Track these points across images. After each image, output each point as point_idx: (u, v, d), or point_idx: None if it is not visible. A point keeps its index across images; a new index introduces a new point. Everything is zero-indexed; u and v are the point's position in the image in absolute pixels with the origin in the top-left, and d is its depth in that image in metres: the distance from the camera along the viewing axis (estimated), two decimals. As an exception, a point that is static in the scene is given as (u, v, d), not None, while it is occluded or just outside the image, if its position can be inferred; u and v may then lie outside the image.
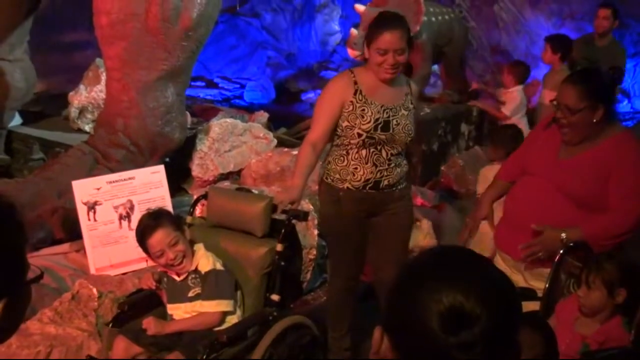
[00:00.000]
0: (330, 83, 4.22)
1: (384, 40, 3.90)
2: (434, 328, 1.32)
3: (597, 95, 3.67)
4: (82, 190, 5.02)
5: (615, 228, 3.69)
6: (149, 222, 3.75)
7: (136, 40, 5.55)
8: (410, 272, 1.45)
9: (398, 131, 4.03)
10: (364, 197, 4.12)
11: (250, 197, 4.32)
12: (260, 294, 3.95)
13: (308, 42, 11.26)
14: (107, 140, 5.79)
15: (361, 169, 4.08)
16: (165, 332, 3.67)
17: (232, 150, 6.42)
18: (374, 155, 4.06)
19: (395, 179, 4.13)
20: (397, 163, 4.12)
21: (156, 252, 3.73)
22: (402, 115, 4.06)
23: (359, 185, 4.09)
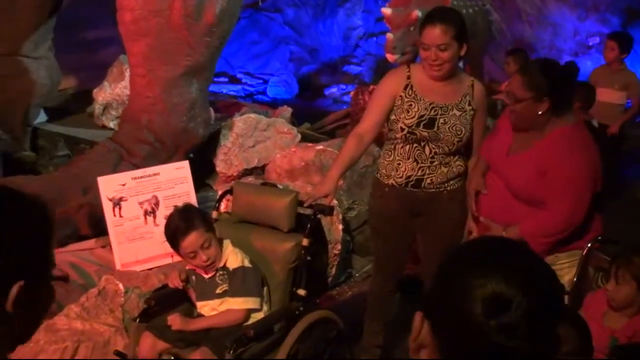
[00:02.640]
0: (385, 76, 4.21)
1: (425, 35, 3.85)
2: (476, 313, 1.34)
3: (543, 87, 3.62)
4: (107, 187, 5.05)
5: (549, 227, 3.68)
6: (180, 224, 3.71)
7: (160, 36, 5.57)
8: (454, 260, 1.47)
9: (444, 130, 3.95)
10: (407, 195, 4.07)
11: (275, 191, 4.32)
12: (286, 289, 3.94)
13: (330, 37, 11.24)
14: (131, 137, 5.82)
15: (403, 164, 4.05)
16: (190, 329, 3.68)
17: (256, 145, 6.42)
18: (416, 152, 4.02)
19: (441, 178, 4.04)
20: (445, 162, 4.03)
21: (188, 254, 3.73)
22: (452, 115, 3.96)
23: (401, 182, 4.06)
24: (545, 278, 1.41)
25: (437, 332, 1.43)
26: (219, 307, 3.76)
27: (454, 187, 4.08)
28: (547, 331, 1.37)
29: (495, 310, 1.33)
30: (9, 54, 6.76)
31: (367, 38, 11.28)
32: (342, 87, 10.63)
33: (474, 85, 4.07)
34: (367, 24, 11.21)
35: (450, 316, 1.40)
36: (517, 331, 1.33)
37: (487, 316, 1.33)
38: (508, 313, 1.33)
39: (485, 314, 1.34)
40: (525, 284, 1.35)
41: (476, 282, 1.36)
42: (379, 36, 10.62)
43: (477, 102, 4.05)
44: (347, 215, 5.73)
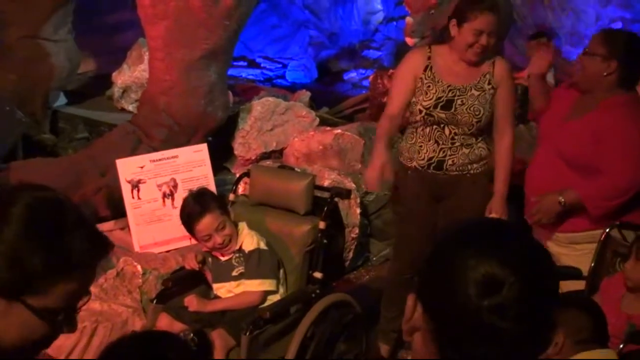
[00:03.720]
0: (406, 56, 4.21)
1: (481, 21, 3.81)
2: (468, 294, 1.33)
3: (616, 49, 3.65)
4: (126, 169, 5.08)
5: (609, 189, 3.69)
6: (195, 207, 3.76)
7: (178, 19, 5.56)
8: (447, 241, 1.46)
9: (461, 111, 3.93)
10: (429, 178, 4.06)
11: (292, 174, 4.33)
12: (302, 271, 3.97)
13: (350, 21, 11.20)
14: (150, 120, 5.84)
15: (425, 146, 4.05)
16: (206, 310, 3.72)
17: (274, 129, 6.42)
18: (436, 133, 4.01)
19: (462, 159, 4.02)
20: (466, 143, 4.01)
21: (203, 237, 3.76)
22: (470, 96, 3.94)
23: (423, 164, 4.05)
24: (540, 261, 1.40)
25: (429, 315, 1.42)
26: (235, 289, 3.79)
27: (477, 170, 4.05)
28: (540, 314, 1.36)
29: (488, 291, 1.32)
30: (29, 37, 6.79)
31: (387, 22, 11.23)
32: (361, 72, 10.60)
33: (495, 63, 4.02)
34: (387, 8, 11.16)
35: (443, 298, 1.39)
36: (509, 312, 1.32)
37: (479, 297, 1.32)
38: (500, 294, 1.32)
39: (477, 295, 1.33)
40: (519, 266, 1.34)
41: (469, 263, 1.35)
42: (398, 20, 10.56)
43: (499, 79, 3.99)
44: (364, 199, 5.73)
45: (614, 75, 3.67)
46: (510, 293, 1.32)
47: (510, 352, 1.34)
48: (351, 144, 5.92)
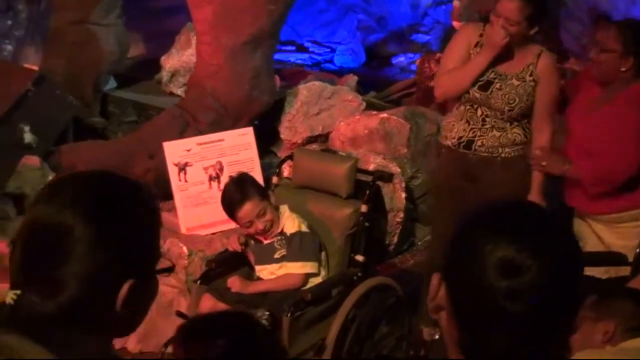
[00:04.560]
0: (461, 28, 4.28)
1: (500, 4, 3.82)
2: (486, 277, 1.34)
3: (632, 46, 3.65)
4: (173, 152, 5.13)
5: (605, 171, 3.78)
6: (235, 195, 3.81)
7: (224, 3, 5.59)
8: (469, 224, 1.46)
9: (496, 96, 3.93)
10: (459, 157, 4.08)
11: (335, 157, 4.37)
12: (344, 254, 4.00)
13: (399, 5, 11.12)
14: (197, 103, 5.88)
15: (457, 125, 4.07)
16: (249, 291, 3.78)
17: (321, 113, 6.44)
18: (469, 113, 4.02)
19: (492, 142, 4.02)
20: (498, 127, 4.01)
21: (245, 223, 3.81)
22: (510, 84, 3.94)
23: (454, 142, 4.07)
24: (563, 246, 1.39)
25: (452, 296, 1.43)
26: (277, 272, 3.84)
27: (509, 154, 4.04)
28: (559, 301, 1.35)
29: (504, 275, 1.32)
30: (80, 21, 6.87)
31: (436, 6, 11.13)
32: (409, 56, 10.53)
33: (541, 56, 4.00)
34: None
35: (461, 279, 1.40)
36: (524, 297, 1.32)
37: (496, 281, 1.32)
38: (516, 278, 1.32)
39: (493, 278, 1.33)
40: (538, 250, 1.33)
41: (487, 247, 1.35)
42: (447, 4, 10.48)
43: (541, 73, 3.97)
44: (410, 183, 5.73)
45: (632, 69, 3.67)
46: (526, 278, 1.31)
47: (524, 336, 1.35)
48: (397, 128, 5.91)
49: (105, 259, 1.40)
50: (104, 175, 1.55)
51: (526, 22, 3.81)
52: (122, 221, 1.45)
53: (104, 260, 1.39)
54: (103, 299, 1.39)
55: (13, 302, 1.34)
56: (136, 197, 1.50)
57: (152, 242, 1.51)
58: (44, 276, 1.37)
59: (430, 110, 6.51)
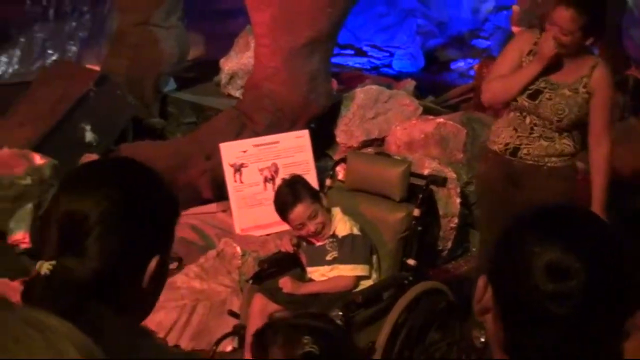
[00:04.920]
0: (517, 34, 4.24)
1: (555, 12, 3.75)
2: (532, 279, 1.33)
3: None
4: (229, 153, 5.20)
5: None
6: (287, 197, 3.84)
7: (283, 6, 5.64)
8: (516, 227, 1.46)
9: (545, 105, 3.86)
10: (505, 163, 4.03)
11: (389, 161, 4.37)
12: (396, 258, 4.00)
13: (459, 10, 11.07)
14: (254, 105, 5.93)
15: (504, 131, 4.03)
16: (300, 292, 3.78)
17: (377, 117, 6.45)
18: (517, 120, 3.98)
19: (539, 151, 3.95)
20: (546, 136, 3.94)
21: (296, 225, 3.83)
22: (561, 94, 3.86)
23: (501, 148, 4.03)
24: (612, 252, 1.37)
25: (498, 298, 1.43)
26: (329, 274, 3.84)
27: (556, 164, 3.96)
28: (607, 305, 1.34)
29: (551, 278, 1.32)
30: (142, 23, 7.02)
31: (497, 11, 11.05)
32: (469, 61, 10.47)
33: (596, 67, 3.88)
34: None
35: (508, 282, 1.40)
36: (570, 301, 1.31)
37: (542, 284, 1.32)
38: (563, 282, 1.31)
39: (540, 281, 1.33)
40: (586, 254, 1.33)
41: (535, 250, 1.35)
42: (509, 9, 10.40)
43: (595, 86, 3.86)
44: (465, 189, 5.68)
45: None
46: (573, 282, 1.31)
47: (570, 340, 1.34)
48: (453, 133, 5.88)
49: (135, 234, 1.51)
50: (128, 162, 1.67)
51: (580, 32, 3.72)
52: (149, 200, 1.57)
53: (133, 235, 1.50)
54: (132, 274, 1.48)
55: (49, 272, 1.42)
56: (158, 182, 1.62)
57: (172, 224, 1.61)
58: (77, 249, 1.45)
59: (487, 115, 6.46)
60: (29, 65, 8.21)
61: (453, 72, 10.59)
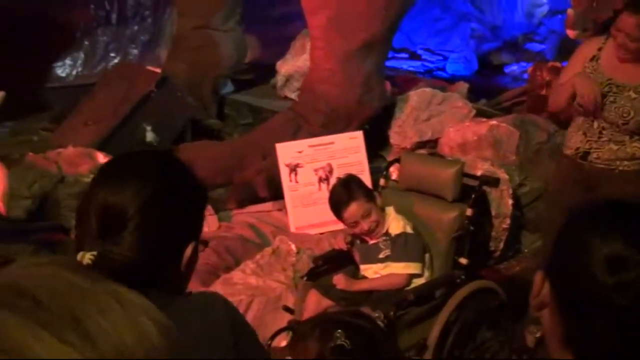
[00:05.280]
0: (583, 43, 4.20)
1: (621, 19, 3.72)
2: (593, 271, 1.34)
3: None
4: (285, 153, 5.25)
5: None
6: (342, 196, 3.85)
7: (339, 9, 5.66)
8: (575, 221, 1.47)
9: (609, 108, 3.82)
10: (577, 166, 4.00)
11: (442, 161, 4.36)
12: (448, 257, 3.97)
13: (513, 14, 10.98)
14: (309, 106, 5.98)
15: (574, 136, 4.00)
16: (353, 289, 3.79)
17: (431, 119, 6.45)
18: (585, 125, 3.93)
19: (609, 154, 3.90)
20: (616, 140, 3.88)
21: (350, 223, 3.85)
22: (626, 96, 3.81)
23: (571, 153, 4.00)
24: None
25: (556, 291, 1.43)
26: (382, 271, 3.84)
27: (628, 167, 3.90)
28: None
29: (611, 269, 1.33)
30: (201, 27, 7.11)
31: (552, 15, 10.93)
32: (522, 65, 10.37)
33: None
34: (552, 1, 10.87)
35: (568, 275, 1.41)
36: (632, 290, 1.32)
37: (603, 275, 1.33)
38: (624, 272, 1.32)
39: (601, 273, 1.33)
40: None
41: (595, 242, 1.36)
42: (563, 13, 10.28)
43: None
44: (518, 190, 5.65)
45: None
46: (633, 273, 1.32)
47: (632, 329, 1.34)
48: (506, 135, 5.85)
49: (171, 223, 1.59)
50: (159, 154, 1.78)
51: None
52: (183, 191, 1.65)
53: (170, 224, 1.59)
54: (171, 260, 1.56)
55: (91, 262, 1.47)
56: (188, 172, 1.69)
57: (203, 212, 1.71)
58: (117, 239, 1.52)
59: (542, 118, 6.42)
60: (93, 67, 8.38)
61: (506, 75, 10.51)
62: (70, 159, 5.28)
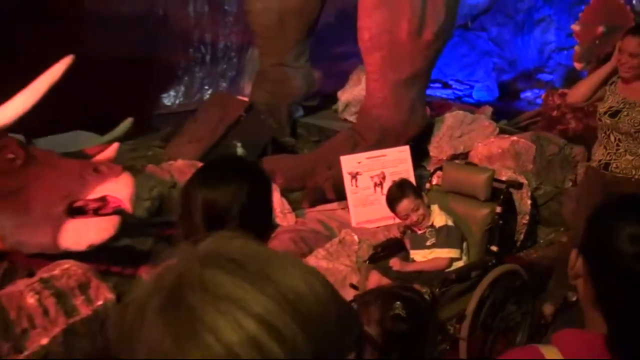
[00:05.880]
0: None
1: (624, 41, 3.76)
2: (618, 246, 1.38)
3: None
4: (347, 163, 5.29)
5: None
6: (396, 193, 3.92)
7: (390, 50, 5.68)
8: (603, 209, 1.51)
9: (623, 121, 3.82)
10: (600, 176, 3.99)
11: (476, 169, 4.37)
12: (482, 245, 3.99)
13: (527, 51, 10.90)
14: (365, 126, 5.99)
15: (598, 150, 4.00)
16: (406, 270, 3.83)
17: (462, 136, 6.45)
18: (604, 139, 3.94)
19: (625, 164, 3.89)
20: (631, 151, 3.87)
21: (403, 216, 3.92)
22: (637, 110, 3.81)
23: (596, 165, 4.00)
24: None
25: (588, 264, 1.47)
26: (429, 256, 3.88)
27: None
28: None
29: (633, 244, 1.36)
30: (278, 64, 7.16)
31: (559, 51, 10.83)
32: (535, 92, 10.28)
33: None
34: (559, 39, 10.77)
35: (599, 249, 1.44)
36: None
37: (627, 248, 1.36)
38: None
39: (625, 246, 1.37)
40: None
41: (620, 225, 1.39)
42: (569, 50, 10.19)
43: None
44: (535, 193, 5.65)
45: None
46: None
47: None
48: (525, 148, 5.85)
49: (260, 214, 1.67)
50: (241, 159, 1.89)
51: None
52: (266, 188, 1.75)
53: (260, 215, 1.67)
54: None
55: None
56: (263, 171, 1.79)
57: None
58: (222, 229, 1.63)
59: (553, 135, 6.40)
60: (191, 97, 8.41)
61: (522, 100, 10.42)
62: (180, 169, 5.36)
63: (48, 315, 3.46)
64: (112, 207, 4.00)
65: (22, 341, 3.36)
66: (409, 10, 5.58)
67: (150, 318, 0.80)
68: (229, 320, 0.78)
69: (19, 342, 3.35)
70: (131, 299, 0.83)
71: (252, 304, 0.80)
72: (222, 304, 0.79)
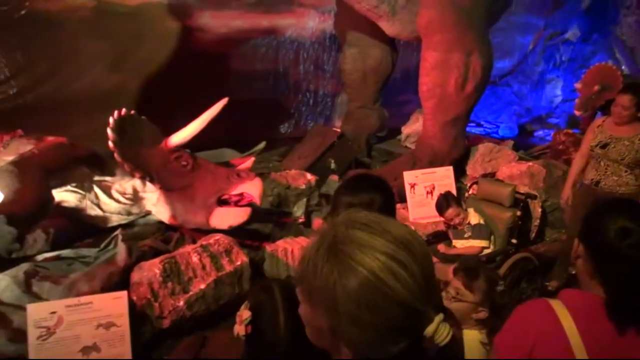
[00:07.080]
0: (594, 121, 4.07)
1: (619, 96, 3.68)
2: (609, 236, 1.38)
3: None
4: (408, 177, 5.28)
5: None
6: (443, 203, 3.93)
7: (441, 98, 5.65)
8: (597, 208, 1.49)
9: (611, 152, 3.70)
10: (591, 190, 3.88)
11: (503, 184, 4.32)
12: (505, 239, 3.95)
13: (540, 101, 10.56)
14: (421, 152, 5.97)
15: (590, 171, 3.90)
16: (449, 253, 3.84)
17: (491, 161, 6.33)
18: (596, 164, 3.83)
19: (611, 183, 3.75)
20: (616, 174, 3.73)
21: (449, 220, 3.91)
22: (622, 144, 3.68)
23: (588, 182, 3.90)
24: None
25: (587, 249, 1.45)
26: (466, 244, 3.87)
27: (625, 191, 3.74)
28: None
29: (621, 236, 1.35)
30: (360, 107, 7.20)
31: (564, 102, 10.44)
32: (545, 132, 9.95)
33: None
34: (565, 93, 10.39)
35: (595, 238, 1.42)
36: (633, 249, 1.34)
37: (615, 239, 1.36)
38: (629, 237, 1.34)
39: (614, 237, 1.36)
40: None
41: (611, 220, 1.38)
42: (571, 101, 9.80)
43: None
44: (544, 204, 5.46)
45: None
46: (634, 237, 1.35)
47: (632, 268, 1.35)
48: (537, 171, 5.68)
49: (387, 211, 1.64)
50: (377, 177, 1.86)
51: (634, 107, 3.61)
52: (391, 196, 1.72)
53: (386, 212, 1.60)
54: None
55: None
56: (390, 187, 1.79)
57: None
58: None
59: (559, 162, 6.19)
60: (298, 128, 8.50)
61: (536, 137, 10.09)
62: (293, 176, 5.46)
63: (205, 269, 3.64)
64: (247, 201, 4.15)
65: (189, 285, 3.55)
66: (456, 71, 5.53)
67: (320, 263, 0.90)
68: (369, 257, 0.88)
69: (186, 286, 3.55)
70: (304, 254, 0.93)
71: (380, 246, 0.89)
72: (362, 248, 0.89)
